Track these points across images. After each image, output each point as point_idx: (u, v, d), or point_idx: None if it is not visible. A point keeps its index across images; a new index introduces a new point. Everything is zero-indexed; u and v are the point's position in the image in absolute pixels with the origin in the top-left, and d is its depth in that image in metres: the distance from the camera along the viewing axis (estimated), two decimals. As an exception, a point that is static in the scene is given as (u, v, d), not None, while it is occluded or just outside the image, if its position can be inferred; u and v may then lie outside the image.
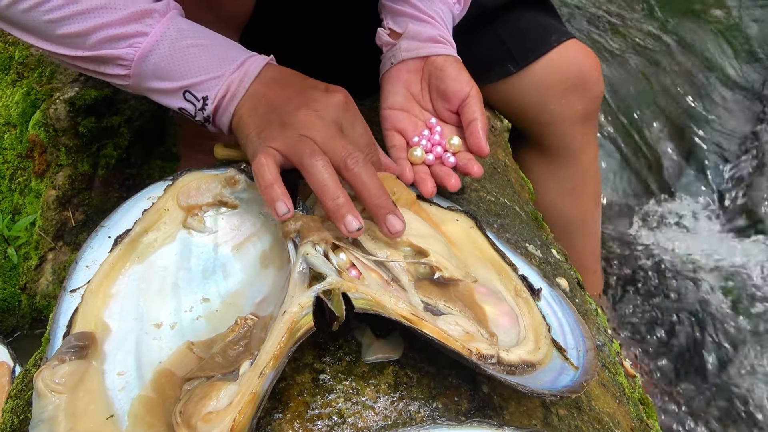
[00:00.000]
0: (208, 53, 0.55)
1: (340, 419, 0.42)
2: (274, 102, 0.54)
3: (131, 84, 0.56)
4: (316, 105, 0.53)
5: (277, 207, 0.48)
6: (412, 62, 0.68)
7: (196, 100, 0.55)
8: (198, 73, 0.54)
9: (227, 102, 0.55)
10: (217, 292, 0.51)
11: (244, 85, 0.54)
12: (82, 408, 0.41)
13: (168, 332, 0.48)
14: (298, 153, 0.50)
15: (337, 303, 0.43)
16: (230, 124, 0.56)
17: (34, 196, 0.98)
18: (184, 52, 0.54)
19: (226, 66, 0.55)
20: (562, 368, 0.46)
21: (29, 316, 1.00)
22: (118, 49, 0.53)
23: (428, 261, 0.51)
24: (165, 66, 0.54)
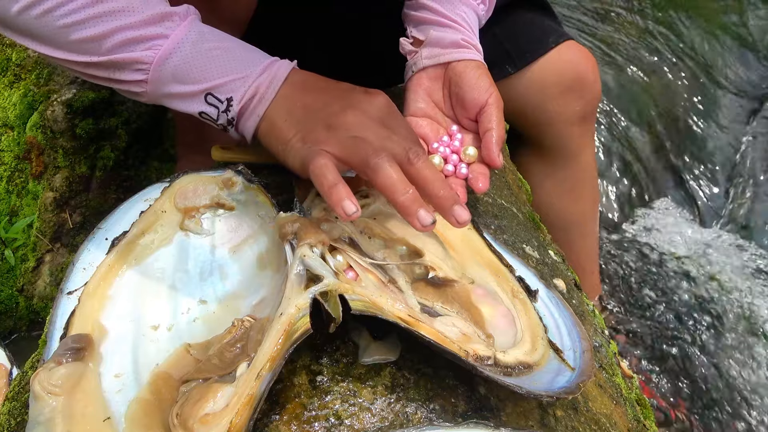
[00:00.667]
0: (231, 55, 0.53)
1: (337, 421, 0.43)
2: (312, 106, 0.53)
3: (148, 90, 0.54)
4: (361, 106, 0.52)
5: (345, 207, 0.48)
6: (432, 69, 0.67)
7: (219, 102, 0.53)
8: (221, 75, 0.53)
9: (256, 104, 0.53)
10: (214, 294, 0.51)
11: (274, 87, 0.53)
12: (78, 410, 0.41)
13: (165, 334, 0.48)
14: (359, 154, 0.49)
15: (334, 305, 0.43)
16: (256, 129, 0.54)
17: (32, 197, 0.98)
18: (206, 55, 0.53)
19: (251, 68, 0.53)
20: (558, 369, 0.46)
21: (26, 317, 1.00)
22: (136, 52, 0.52)
23: (423, 261, 0.51)
24: (186, 69, 0.52)
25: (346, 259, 0.50)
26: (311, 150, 0.51)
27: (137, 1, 0.52)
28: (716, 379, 1.16)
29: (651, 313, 1.27)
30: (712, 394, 1.14)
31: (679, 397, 1.13)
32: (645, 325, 1.25)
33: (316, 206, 0.55)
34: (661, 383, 1.15)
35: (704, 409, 1.12)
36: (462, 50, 0.67)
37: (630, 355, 1.19)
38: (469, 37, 0.68)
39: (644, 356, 1.19)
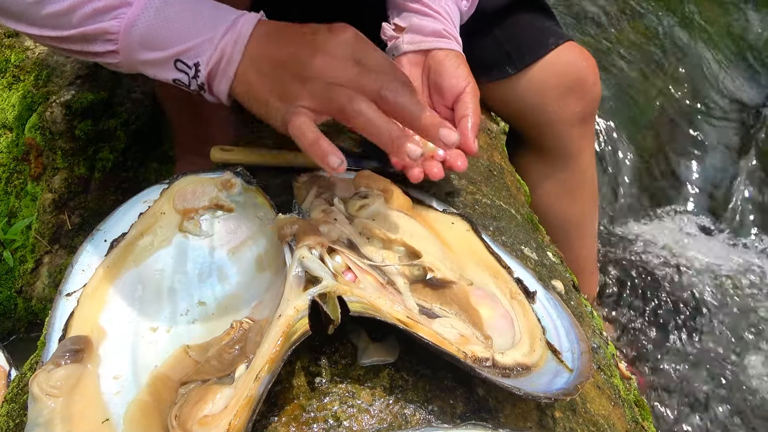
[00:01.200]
0: (195, 17, 0.52)
1: (335, 422, 0.43)
2: (279, 58, 0.51)
3: (122, 61, 0.53)
4: (327, 47, 0.50)
5: (330, 161, 0.47)
6: (413, 55, 0.68)
7: (188, 68, 0.52)
8: (186, 39, 0.51)
9: (225, 66, 0.52)
10: (213, 296, 0.51)
11: (239, 46, 0.52)
12: (77, 412, 0.41)
13: (164, 336, 0.48)
14: (334, 102, 0.48)
15: (333, 306, 0.43)
16: (230, 90, 0.53)
17: (30, 199, 0.98)
18: (171, 19, 0.51)
19: (215, 29, 0.52)
20: (557, 371, 0.46)
21: (25, 319, 1.00)
22: (103, 22, 0.51)
23: (421, 262, 0.51)
24: (152, 34, 0.51)
25: (345, 261, 0.50)
26: (288, 108, 0.50)
27: None
28: (715, 380, 1.16)
29: (650, 315, 1.27)
30: (711, 396, 1.14)
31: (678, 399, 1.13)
32: (644, 326, 1.25)
33: (314, 208, 0.55)
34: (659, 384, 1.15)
35: (702, 410, 1.12)
36: (443, 40, 0.67)
37: (629, 355, 1.19)
38: (450, 28, 0.68)
39: (643, 357, 1.19)
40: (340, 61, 0.50)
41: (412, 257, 0.53)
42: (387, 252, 0.53)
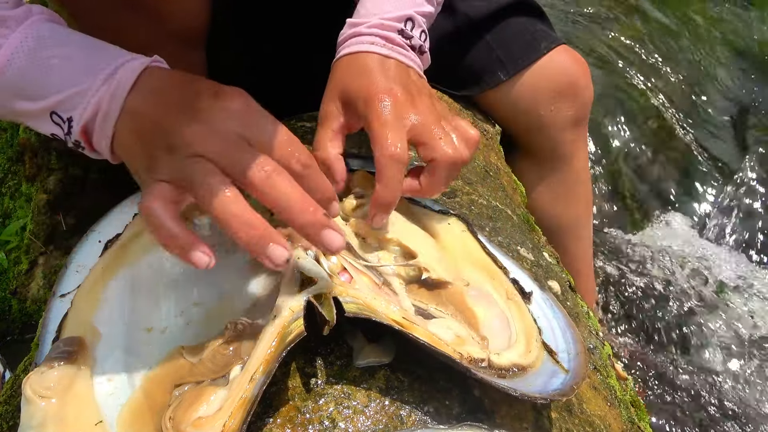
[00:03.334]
0: (72, 63, 0.45)
1: (331, 424, 0.42)
2: (158, 121, 0.43)
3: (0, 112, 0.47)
4: (205, 116, 0.42)
5: (195, 259, 0.40)
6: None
7: (62, 122, 0.45)
8: (61, 89, 0.44)
9: (100, 123, 0.45)
10: (208, 297, 0.51)
11: (118, 100, 0.44)
12: (71, 414, 0.40)
13: (158, 337, 0.48)
14: (189, 179, 0.40)
15: (328, 307, 0.43)
16: (112, 150, 0.46)
17: (25, 200, 0.98)
18: (43, 64, 0.44)
19: (92, 77, 0.44)
20: (552, 371, 0.46)
21: (20, 320, 0.99)
22: None
23: (416, 263, 0.51)
24: (24, 83, 0.44)
25: (340, 261, 0.50)
26: (147, 183, 0.43)
27: None
28: (713, 381, 1.17)
29: (646, 316, 1.27)
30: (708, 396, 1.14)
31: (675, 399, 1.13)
32: (640, 326, 1.25)
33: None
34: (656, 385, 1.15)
35: (700, 410, 1.12)
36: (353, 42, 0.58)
37: (625, 356, 1.19)
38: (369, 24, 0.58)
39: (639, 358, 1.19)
40: (216, 133, 0.41)
41: (407, 257, 0.53)
42: (383, 252, 0.53)
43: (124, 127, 0.45)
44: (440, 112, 0.55)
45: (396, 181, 0.51)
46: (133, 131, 0.44)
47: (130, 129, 0.44)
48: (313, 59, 0.81)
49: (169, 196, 0.41)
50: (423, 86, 0.57)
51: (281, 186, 0.41)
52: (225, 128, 0.42)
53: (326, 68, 0.81)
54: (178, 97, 0.44)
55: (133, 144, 0.45)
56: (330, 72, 0.59)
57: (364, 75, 0.55)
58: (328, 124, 0.56)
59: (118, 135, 0.45)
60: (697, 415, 1.11)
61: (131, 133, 0.44)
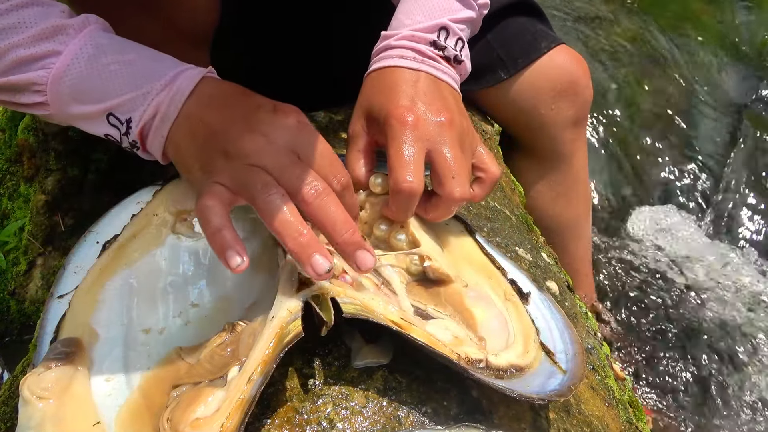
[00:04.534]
0: (132, 69, 0.48)
1: (328, 425, 0.42)
2: (214, 126, 0.46)
3: (53, 113, 0.49)
4: (264, 128, 0.45)
5: (228, 258, 0.42)
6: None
7: (120, 124, 0.48)
8: (120, 93, 0.47)
9: (158, 124, 0.48)
10: (206, 298, 0.51)
11: (176, 104, 0.47)
12: (68, 415, 0.40)
13: (157, 338, 0.48)
14: (249, 188, 0.44)
15: (326, 308, 0.43)
16: (164, 150, 0.49)
17: (23, 200, 0.98)
18: (103, 70, 0.47)
19: (152, 82, 0.47)
20: (550, 372, 0.46)
21: (18, 321, 0.99)
22: (30, 72, 0.47)
23: (419, 251, 0.51)
24: (83, 87, 0.47)
25: (341, 264, 0.50)
26: (204, 184, 0.45)
27: (32, 16, 0.47)
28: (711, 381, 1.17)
29: (644, 316, 1.27)
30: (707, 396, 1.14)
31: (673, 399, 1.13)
32: (639, 327, 1.25)
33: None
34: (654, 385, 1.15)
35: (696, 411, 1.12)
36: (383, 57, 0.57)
37: (623, 357, 1.20)
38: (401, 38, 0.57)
39: (638, 358, 1.19)
40: (272, 146, 0.45)
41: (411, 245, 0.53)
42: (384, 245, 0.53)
43: (179, 130, 0.47)
44: (464, 138, 0.53)
45: (405, 210, 0.52)
46: (189, 134, 0.47)
47: (186, 132, 0.47)
48: (313, 60, 0.81)
49: (224, 197, 0.44)
50: (453, 104, 0.55)
51: (328, 205, 0.44)
52: (281, 141, 0.45)
53: (326, 69, 0.81)
54: (238, 107, 0.47)
55: (188, 146, 0.47)
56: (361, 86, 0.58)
57: (388, 91, 0.54)
58: (354, 144, 0.56)
59: (172, 137, 0.48)
60: (696, 414, 1.11)
61: (186, 135, 0.47)
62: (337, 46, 0.80)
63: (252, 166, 0.44)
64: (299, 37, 0.80)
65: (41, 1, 0.49)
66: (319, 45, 0.80)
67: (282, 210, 0.43)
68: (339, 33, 0.79)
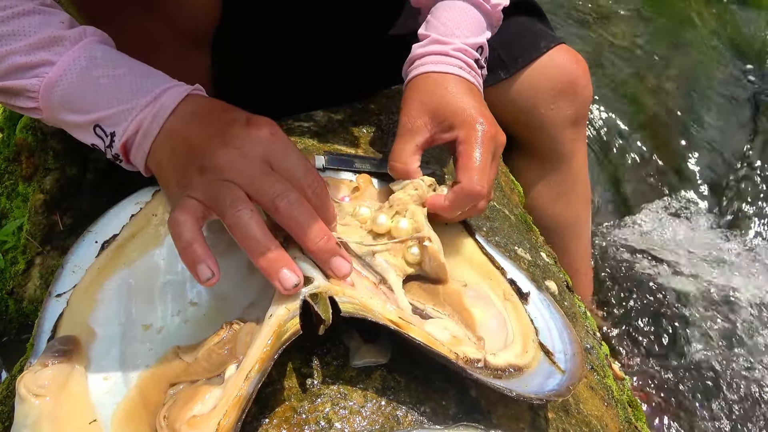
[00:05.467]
0: (120, 84, 0.49)
1: (327, 424, 0.42)
2: (192, 142, 0.47)
3: (45, 117, 0.51)
4: (236, 142, 0.46)
5: (200, 272, 0.42)
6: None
7: (105, 136, 0.50)
8: (107, 106, 0.49)
9: (140, 140, 0.49)
10: (205, 297, 0.51)
11: (158, 120, 0.48)
12: (65, 413, 0.40)
13: (155, 336, 0.48)
14: (219, 203, 0.44)
15: (324, 306, 0.43)
16: (146, 165, 0.51)
17: (22, 200, 0.98)
18: (93, 83, 0.49)
19: (138, 98, 0.49)
20: (549, 372, 0.46)
21: (16, 321, 0.99)
22: (24, 79, 0.49)
23: (421, 235, 0.51)
24: (73, 97, 0.49)
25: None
26: (179, 198, 0.46)
27: (32, 24, 0.49)
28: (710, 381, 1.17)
29: (644, 315, 1.27)
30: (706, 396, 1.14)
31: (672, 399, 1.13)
32: (638, 327, 1.25)
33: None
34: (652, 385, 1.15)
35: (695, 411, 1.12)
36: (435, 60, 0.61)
37: (622, 357, 1.19)
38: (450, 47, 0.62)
39: (637, 357, 1.19)
40: (244, 159, 0.45)
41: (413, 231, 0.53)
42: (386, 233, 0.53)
43: (160, 147, 0.49)
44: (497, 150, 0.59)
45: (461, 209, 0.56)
46: (169, 151, 0.48)
47: (167, 148, 0.49)
48: (312, 59, 0.81)
49: (196, 211, 0.45)
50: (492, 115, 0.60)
51: (301, 214, 0.45)
52: (253, 154, 0.46)
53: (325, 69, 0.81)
54: (215, 123, 0.48)
55: (167, 161, 0.49)
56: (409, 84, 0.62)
57: (460, 98, 0.58)
58: (412, 137, 0.58)
59: (153, 152, 0.49)
60: (695, 414, 1.11)
61: (166, 152, 0.49)
62: (336, 45, 0.80)
63: (224, 181, 0.45)
64: (299, 36, 0.80)
65: (43, 10, 0.50)
66: (318, 45, 0.80)
67: (249, 226, 0.44)
68: (339, 33, 0.79)
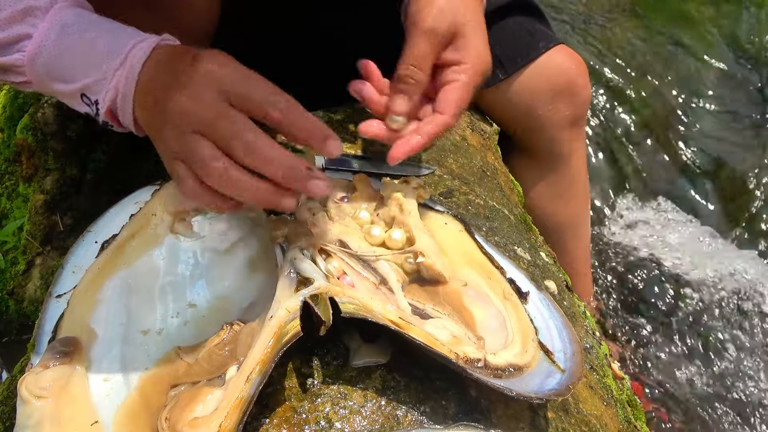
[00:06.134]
0: (93, 49, 0.48)
1: (327, 424, 0.42)
2: (156, 95, 0.46)
3: (38, 89, 0.51)
4: (186, 84, 0.44)
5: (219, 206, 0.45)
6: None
7: (91, 104, 0.49)
8: (85, 74, 0.48)
9: (121, 103, 0.48)
10: (205, 298, 0.51)
11: (131, 81, 0.47)
12: (66, 414, 0.40)
13: (155, 338, 0.48)
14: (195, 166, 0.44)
15: (324, 308, 0.43)
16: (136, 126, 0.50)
17: (22, 200, 0.98)
18: (70, 50, 0.48)
19: (110, 61, 0.48)
20: (548, 371, 0.47)
21: (17, 321, 0.99)
22: (9, 56, 0.49)
23: (414, 249, 0.51)
24: (54, 67, 0.48)
25: (341, 266, 0.50)
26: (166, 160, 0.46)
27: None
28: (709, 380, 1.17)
29: (643, 315, 1.27)
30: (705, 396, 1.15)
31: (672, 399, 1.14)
32: (637, 326, 1.25)
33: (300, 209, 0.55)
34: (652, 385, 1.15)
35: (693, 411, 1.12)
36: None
37: (621, 356, 1.20)
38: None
39: (636, 357, 1.19)
40: (197, 102, 0.44)
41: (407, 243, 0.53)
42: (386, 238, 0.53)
43: (139, 105, 0.48)
44: None
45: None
46: (144, 107, 0.48)
47: (141, 105, 0.48)
48: (311, 59, 0.81)
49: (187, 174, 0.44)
50: None
51: (264, 151, 0.43)
52: (205, 94, 0.44)
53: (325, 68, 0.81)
54: (175, 68, 0.46)
55: (148, 120, 0.48)
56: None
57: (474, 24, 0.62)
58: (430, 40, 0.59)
59: (136, 112, 0.48)
60: (695, 413, 1.11)
61: (143, 109, 0.48)
62: (335, 45, 0.80)
63: (189, 134, 0.44)
64: (298, 36, 0.80)
65: None
66: (317, 44, 0.80)
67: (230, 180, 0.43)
68: (339, 33, 0.79)
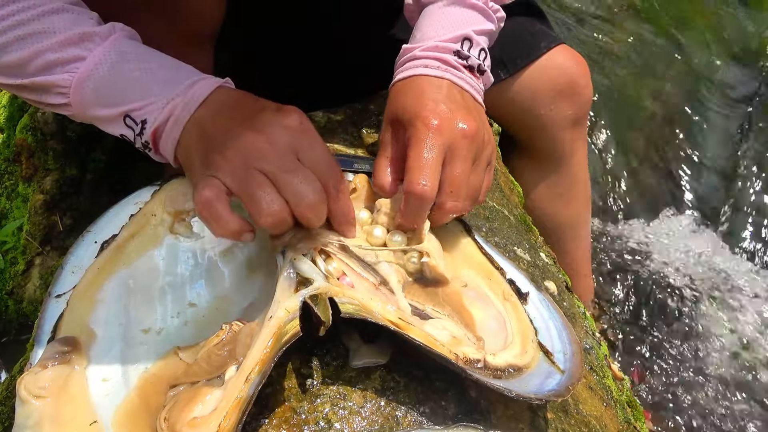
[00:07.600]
0: (152, 77, 0.50)
1: (326, 424, 0.42)
2: (221, 128, 0.48)
3: (76, 113, 0.52)
4: (266, 129, 0.47)
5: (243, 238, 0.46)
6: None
7: (135, 125, 0.51)
8: (139, 98, 0.50)
9: (170, 127, 0.50)
10: (204, 298, 0.51)
11: (189, 109, 0.49)
12: (65, 414, 0.40)
13: (154, 338, 0.48)
14: (246, 187, 0.46)
15: (324, 308, 0.43)
16: (175, 153, 0.51)
17: (22, 200, 0.98)
18: (124, 76, 0.50)
19: (171, 89, 0.50)
20: (548, 372, 0.46)
21: (16, 321, 0.99)
22: (55, 75, 0.50)
23: (421, 247, 0.51)
24: (104, 92, 0.50)
25: (341, 266, 0.50)
26: (203, 176, 0.47)
27: (62, 22, 0.50)
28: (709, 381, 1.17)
29: (643, 316, 1.27)
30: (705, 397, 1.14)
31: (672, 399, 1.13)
32: (637, 327, 1.25)
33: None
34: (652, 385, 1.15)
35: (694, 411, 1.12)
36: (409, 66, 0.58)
37: (621, 357, 1.20)
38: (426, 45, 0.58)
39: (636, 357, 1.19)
40: (273, 147, 0.46)
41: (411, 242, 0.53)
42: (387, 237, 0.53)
43: (189, 135, 0.50)
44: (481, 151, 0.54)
45: (415, 215, 0.52)
46: (198, 139, 0.49)
47: (195, 136, 0.50)
48: (312, 61, 0.81)
49: (221, 189, 0.46)
50: (476, 113, 0.56)
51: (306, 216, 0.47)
52: (281, 142, 0.47)
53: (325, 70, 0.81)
54: (242, 111, 0.49)
55: (195, 149, 0.49)
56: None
57: (414, 97, 0.55)
58: (383, 152, 0.57)
59: (183, 140, 0.50)
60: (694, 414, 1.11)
61: (195, 140, 0.50)
62: (337, 46, 0.80)
63: (251, 169, 0.46)
64: (300, 37, 0.80)
65: (72, 8, 0.51)
66: (319, 45, 0.80)
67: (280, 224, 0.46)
68: (339, 34, 0.79)
